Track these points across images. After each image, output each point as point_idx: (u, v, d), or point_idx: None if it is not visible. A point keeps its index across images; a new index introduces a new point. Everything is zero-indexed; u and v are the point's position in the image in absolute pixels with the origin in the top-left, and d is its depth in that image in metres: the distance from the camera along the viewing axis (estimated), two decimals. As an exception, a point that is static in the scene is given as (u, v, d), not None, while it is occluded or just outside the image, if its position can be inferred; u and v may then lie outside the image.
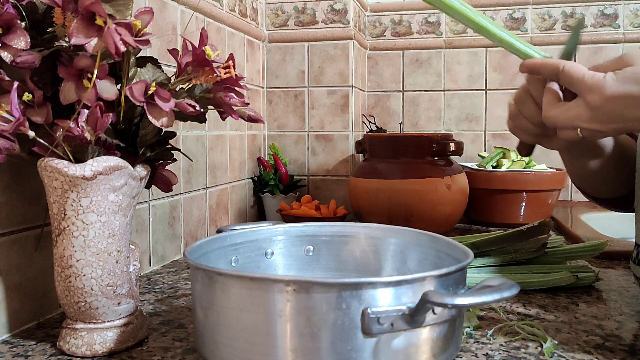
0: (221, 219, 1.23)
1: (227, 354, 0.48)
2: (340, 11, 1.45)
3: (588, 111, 0.54)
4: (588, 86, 0.53)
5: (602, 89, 0.52)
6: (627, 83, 0.52)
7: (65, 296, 0.58)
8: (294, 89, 1.49)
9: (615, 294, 0.80)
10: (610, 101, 0.52)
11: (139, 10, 0.57)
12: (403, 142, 1.26)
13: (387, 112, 1.72)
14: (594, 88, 0.53)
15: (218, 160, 1.20)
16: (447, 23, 1.69)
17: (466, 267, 0.52)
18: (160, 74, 0.61)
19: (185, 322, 0.69)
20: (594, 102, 0.53)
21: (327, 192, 1.49)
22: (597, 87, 0.53)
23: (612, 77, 0.52)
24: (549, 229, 0.85)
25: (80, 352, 0.58)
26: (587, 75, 0.54)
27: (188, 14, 1.05)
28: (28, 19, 0.56)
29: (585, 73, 0.54)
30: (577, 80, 0.54)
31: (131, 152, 0.61)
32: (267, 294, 0.46)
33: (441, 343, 0.49)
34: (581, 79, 0.54)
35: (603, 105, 0.53)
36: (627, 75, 0.52)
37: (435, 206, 1.19)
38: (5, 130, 0.53)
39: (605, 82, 0.52)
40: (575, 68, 0.55)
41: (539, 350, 0.60)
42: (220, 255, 0.65)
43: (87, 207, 0.56)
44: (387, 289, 0.45)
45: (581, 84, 0.54)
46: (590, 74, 0.54)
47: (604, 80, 0.53)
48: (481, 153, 1.55)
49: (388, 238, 0.69)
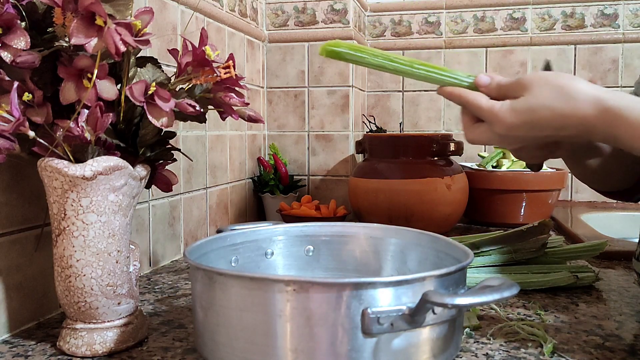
0: (221, 219, 1.23)
1: (227, 354, 0.48)
2: (340, 11, 1.45)
3: (496, 136, 0.57)
4: (489, 118, 0.56)
5: (501, 121, 0.55)
6: (522, 113, 0.54)
7: (65, 296, 0.58)
8: (294, 89, 1.49)
9: (615, 294, 0.80)
10: (511, 130, 0.55)
11: (139, 10, 0.57)
12: (403, 142, 1.26)
13: (387, 112, 1.72)
14: (494, 120, 0.56)
15: (218, 160, 1.20)
16: (447, 23, 1.69)
17: (466, 267, 0.52)
18: (160, 74, 0.61)
19: (185, 322, 0.69)
20: (498, 131, 0.56)
21: (327, 192, 1.49)
22: (497, 120, 0.55)
23: (508, 108, 0.55)
24: (549, 229, 0.85)
25: (80, 352, 0.58)
26: (485, 108, 0.56)
27: (188, 14, 1.05)
28: (28, 19, 0.56)
29: (484, 106, 0.57)
30: (479, 111, 0.57)
31: (131, 152, 0.61)
32: (267, 294, 0.46)
33: (441, 343, 0.49)
34: (481, 110, 0.57)
35: (506, 134, 0.56)
36: (521, 106, 0.54)
37: (435, 206, 1.19)
38: (5, 130, 0.53)
39: (502, 115, 0.55)
40: (476, 101, 0.57)
41: (539, 350, 0.60)
42: (220, 255, 0.65)
43: (87, 207, 0.56)
44: (387, 289, 0.45)
45: (483, 114, 0.57)
46: (487, 107, 0.56)
47: (500, 112, 0.55)
48: (481, 153, 1.55)
49: (388, 238, 0.69)
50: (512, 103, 0.55)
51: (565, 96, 0.52)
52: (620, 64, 1.62)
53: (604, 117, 0.51)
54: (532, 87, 0.54)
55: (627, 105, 0.50)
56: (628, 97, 0.51)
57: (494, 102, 0.56)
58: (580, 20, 1.63)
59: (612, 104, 0.51)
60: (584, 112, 0.52)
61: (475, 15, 1.67)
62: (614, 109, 0.51)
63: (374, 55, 0.60)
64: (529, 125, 0.54)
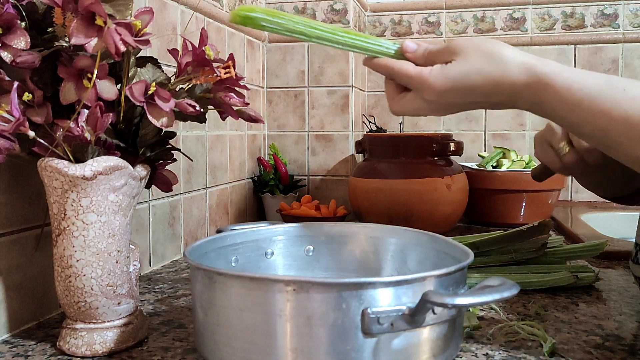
0: (221, 219, 1.23)
1: (227, 354, 0.48)
2: (340, 11, 1.45)
3: (426, 104, 0.56)
4: (419, 84, 0.55)
5: (431, 86, 0.54)
6: (453, 78, 0.53)
7: (65, 296, 0.58)
8: (294, 89, 1.49)
9: (615, 294, 0.80)
10: (442, 95, 0.54)
11: (139, 10, 0.57)
12: (403, 142, 1.26)
13: (387, 112, 1.72)
14: (424, 86, 0.54)
15: (218, 160, 1.20)
16: (447, 23, 1.69)
17: (466, 267, 0.52)
18: (160, 74, 0.61)
19: (185, 322, 0.69)
20: (428, 98, 0.55)
21: (327, 192, 1.49)
22: (427, 86, 0.54)
23: (438, 73, 0.53)
24: (549, 229, 0.85)
25: (80, 352, 0.58)
26: (414, 75, 0.55)
27: (188, 14, 1.05)
28: (28, 19, 0.56)
29: (412, 72, 0.55)
30: (407, 78, 0.56)
31: (131, 152, 0.61)
32: (267, 294, 0.46)
33: (441, 343, 0.49)
34: (409, 77, 0.55)
35: (437, 100, 0.54)
36: (451, 70, 0.53)
37: (435, 206, 1.19)
38: (5, 130, 0.53)
39: (433, 79, 0.53)
40: (403, 68, 0.56)
41: (539, 350, 0.60)
42: (220, 255, 0.65)
43: (87, 207, 0.56)
44: (387, 289, 0.46)
45: (412, 82, 0.55)
46: (416, 73, 0.55)
47: (430, 77, 0.54)
48: (481, 153, 1.55)
49: (388, 238, 0.69)
50: (442, 68, 0.54)
51: (496, 61, 0.52)
52: (620, 64, 1.62)
53: (531, 82, 0.51)
54: (462, 52, 0.53)
55: (554, 70, 0.51)
56: (555, 64, 0.51)
57: (422, 68, 0.55)
58: (580, 20, 1.63)
59: (540, 70, 0.51)
60: (513, 77, 0.52)
61: (475, 15, 1.67)
62: (541, 75, 0.51)
63: (294, 21, 0.56)
64: (460, 91, 0.53)
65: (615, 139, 0.51)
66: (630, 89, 0.50)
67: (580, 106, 0.50)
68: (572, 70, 0.51)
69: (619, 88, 0.50)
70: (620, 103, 0.49)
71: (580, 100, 0.50)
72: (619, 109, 0.49)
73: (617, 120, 0.50)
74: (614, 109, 0.49)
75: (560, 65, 0.52)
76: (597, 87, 0.50)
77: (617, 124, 0.50)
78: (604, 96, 0.50)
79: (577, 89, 0.50)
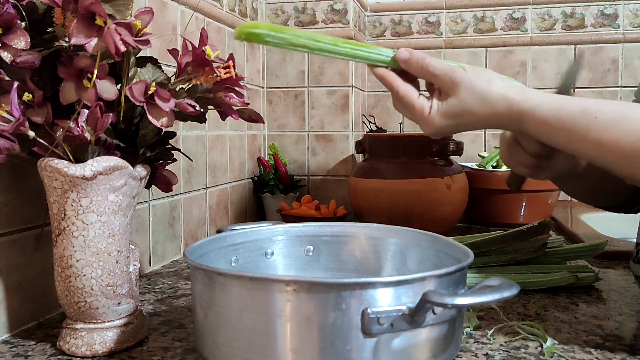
0: (221, 219, 1.23)
1: (227, 354, 0.48)
2: (340, 11, 1.45)
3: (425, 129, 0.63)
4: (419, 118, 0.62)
5: (430, 124, 0.61)
6: (450, 118, 0.60)
7: (65, 296, 0.58)
8: (294, 89, 1.49)
9: (615, 294, 0.80)
10: (439, 130, 0.61)
11: (139, 10, 0.57)
12: (403, 142, 1.26)
13: (387, 112, 1.72)
14: (423, 122, 0.62)
15: (218, 160, 1.20)
16: (447, 23, 1.69)
17: (466, 267, 0.52)
18: (160, 74, 0.61)
19: (185, 322, 0.69)
20: (426, 130, 0.62)
21: (327, 192, 1.49)
22: (426, 123, 0.61)
23: (436, 114, 0.61)
24: (549, 229, 0.85)
25: (80, 352, 0.58)
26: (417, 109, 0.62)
27: (188, 14, 1.05)
28: (28, 19, 0.56)
29: (415, 105, 0.62)
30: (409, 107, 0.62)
31: (131, 152, 0.61)
32: (267, 294, 0.46)
33: (441, 343, 0.49)
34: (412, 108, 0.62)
35: (434, 132, 0.62)
36: (448, 111, 0.60)
37: (435, 206, 1.19)
38: (5, 130, 0.53)
39: (431, 119, 0.61)
40: (408, 95, 0.62)
41: (539, 350, 0.60)
42: (220, 255, 0.65)
43: (87, 207, 0.56)
44: (387, 289, 0.45)
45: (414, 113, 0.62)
46: (419, 109, 0.61)
47: (430, 117, 0.61)
48: (481, 153, 1.55)
49: (388, 238, 0.69)
50: (440, 108, 0.60)
51: (484, 102, 0.59)
52: (620, 64, 1.62)
53: (514, 116, 0.59)
54: (459, 90, 0.59)
55: (533, 106, 0.57)
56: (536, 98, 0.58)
57: (424, 104, 0.61)
58: (580, 20, 1.63)
59: (521, 107, 0.58)
60: (498, 112, 0.59)
61: (475, 15, 1.67)
62: (522, 111, 0.58)
63: (297, 35, 0.58)
64: (454, 128, 0.61)
65: (601, 160, 0.57)
66: (601, 116, 0.55)
67: (558, 134, 0.57)
68: (551, 101, 0.57)
69: (590, 115, 0.55)
70: (591, 130, 0.55)
71: (557, 129, 0.57)
72: (592, 135, 0.55)
73: (593, 145, 0.56)
74: (588, 135, 0.55)
75: (540, 97, 0.58)
76: (571, 117, 0.56)
77: (593, 148, 0.56)
78: (577, 125, 0.56)
79: (554, 120, 0.57)
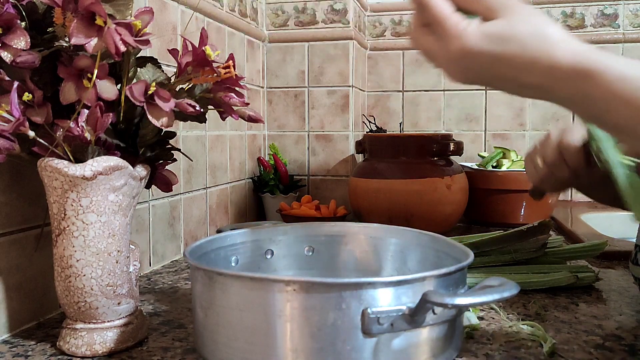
0: (221, 219, 1.23)
1: (227, 354, 0.48)
2: (341, 11, 1.45)
3: (446, 55, 0.47)
4: (448, 33, 0.46)
5: (463, 41, 0.45)
6: (492, 41, 0.45)
7: (65, 296, 0.58)
8: (294, 89, 1.49)
9: (615, 294, 0.80)
10: (468, 56, 0.46)
11: (139, 10, 0.57)
12: (403, 142, 1.26)
13: (387, 112, 1.72)
14: (454, 37, 0.46)
15: (218, 160, 1.20)
16: (447, 23, 1.69)
17: (466, 267, 0.52)
18: (160, 74, 0.61)
19: (185, 322, 0.69)
20: (452, 52, 0.46)
21: (327, 192, 1.49)
22: (457, 38, 0.46)
23: (475, 29, 0.45)
24: (549, 229, 0.85)
25: (80, 352, 0.58)
26: (449, 20, 0.46)
27: (188, 14, 1.05)
28: (28, 19, 0.56)
29: (447, 16, 0.46)
30: (440, 20, 0.47)
31: (131, 152, 0.61)
32: (267, 294, 0.46)
33: (441, 343, 0.49)
34: (443, 20, 0.46)
35: (461, 58, 0.46)
36: (493, 31, 0.45)
37: (435, 206, 1.19)
38: (5, 130, 0.53)
39: (467, 34, 0.45)
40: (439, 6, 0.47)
41: (539, 350, 0.60)
42: (220, 255, 0.65)
43: (87, 207, 0.56)
44: (387, 289, 0.46)
45: (442, 27, 0.47)
46: (453, 21, 0.46)
47: (465, 30, 0.45)
48: (481, 153, 1.55)
49: (388, 238, 0.69)
50: (481, 25, 0.45)
51: (543, 37, 0.44)
52: (620, 64, 1.62)
53: (579, 68, 0.44)
54: (509, 13, 0.45)
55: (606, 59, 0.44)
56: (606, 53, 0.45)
57: (460, 17, 0.46)
58: (580, 20, 1.63)
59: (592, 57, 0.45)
60: (557, 58, 0.44)
61: (475, 15, 1.67)
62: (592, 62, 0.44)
63: None
64: (491, 56, 0.45)
65: None
66: None
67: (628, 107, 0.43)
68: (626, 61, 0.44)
69: None
70: None
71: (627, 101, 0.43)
72: None
73: None
74: None
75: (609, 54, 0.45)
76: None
77: None
78: None
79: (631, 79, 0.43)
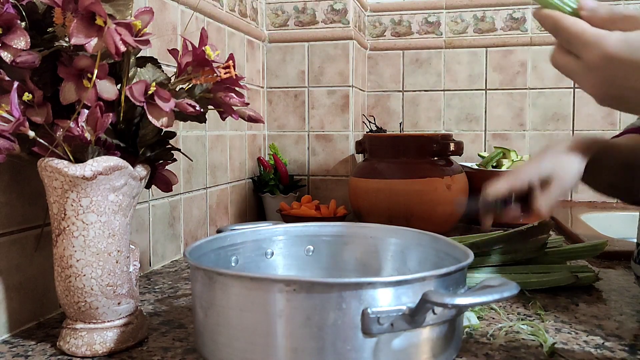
0: (221, 219, 1.23)
1: (227, 354, 0.48)
2: (340, 11, 1.45)
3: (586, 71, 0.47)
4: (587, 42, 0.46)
5: (603, 45, 0.45)
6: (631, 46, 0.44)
7: (65, 296, 0.58)
8: (294, 89, 1.49)
9: (615, 294, 0.80)
10: (611, 62, 0.45)
11: (139, 10, 0.57)
12: (403, 142, 1.26)
13: (387, 112, 1.72)
14: (594, 44, 0.45)
15: (218, 160, 1.20)
16: (447, 23, 1.69)
17: (466, 267, 0.52)
18: (160, 74, 0.61)
19: (185, 322, 0.69)
20: (592, 60, 0.46)
21: (327, 192, 1.49)
22: (598, 43, 0.45)
23: (618, 35, 0.45)
24: (549, 229, 0.85)
25: (80, 352, 0.58)
26: (588, 32, 0.46)
27: (188, 14, 1.05)
28: (28, 19, 0.56)
29: (587, 29, 0.46)
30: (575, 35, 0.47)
31: (131, 152, 0.61)
32: (267, 294, 0.46)
33: (441, 343, 0.49)
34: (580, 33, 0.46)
35: (603, 66, 0.45)
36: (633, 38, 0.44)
37: (435, 206, 1.19)
38: (5, 130, 0.53)
39: (608, 38, 0.45)
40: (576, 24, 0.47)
41: (539, 350, 0.60)
42: (220, 255, 0.65)
43: (87, 207, 0.56)
44: (387, 289, 0.45)
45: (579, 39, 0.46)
46: (593, 31, 0.46)
47: (605, 37, 0.45)
48: (481, 153, 1.55)
49: (388, 238, 0.69)
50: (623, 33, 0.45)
51: None
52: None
53: None
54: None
55: None
56: None
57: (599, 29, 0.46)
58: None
59: None
60: None
61: (475, 15, 1.67)
62: None
63: None
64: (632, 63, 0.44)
65: None
66: None
67: None
68: None
69: None
70: None
71: None
72: None
73: None
74: None
75: None
76: None
77: None
78: None
79: None
